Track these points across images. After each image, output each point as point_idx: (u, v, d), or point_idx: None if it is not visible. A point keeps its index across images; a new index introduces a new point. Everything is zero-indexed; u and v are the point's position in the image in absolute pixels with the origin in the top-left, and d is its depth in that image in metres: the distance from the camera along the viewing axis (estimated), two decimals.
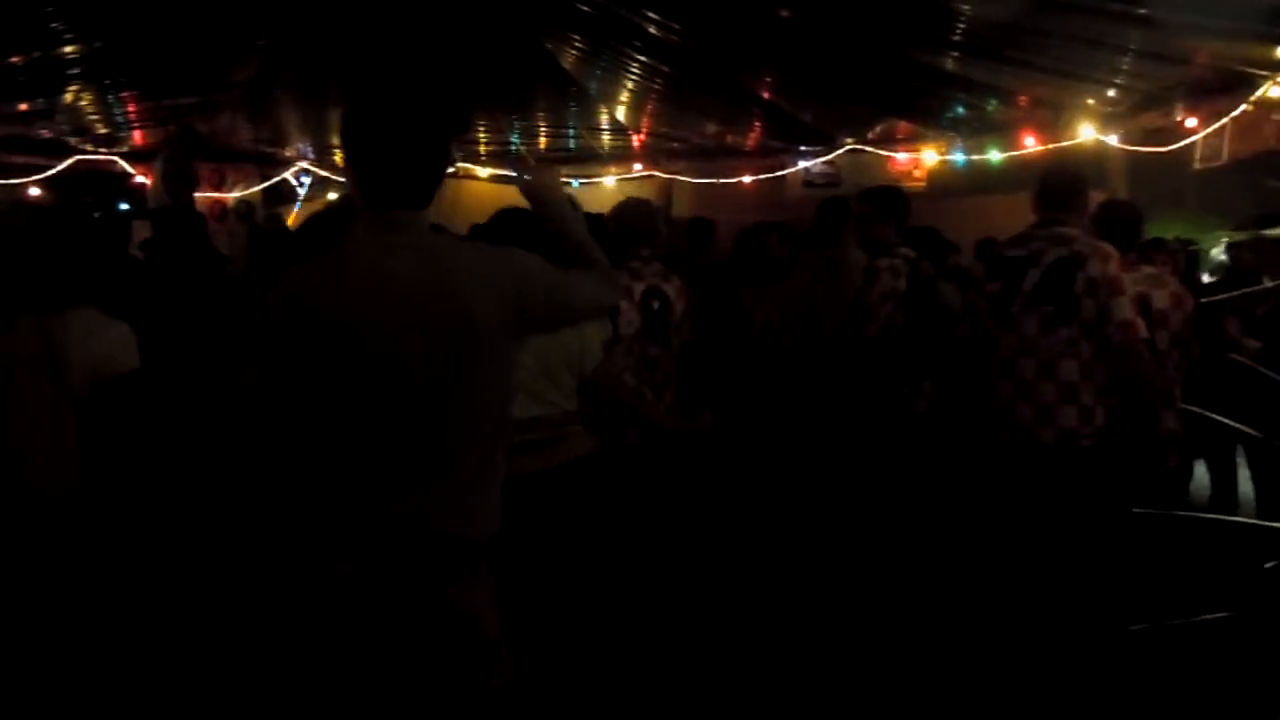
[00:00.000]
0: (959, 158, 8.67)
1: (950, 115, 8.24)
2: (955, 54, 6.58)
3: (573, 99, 9.51)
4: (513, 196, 2.73)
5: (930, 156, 9.03)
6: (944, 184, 9.13)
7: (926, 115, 8.47)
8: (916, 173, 9.39)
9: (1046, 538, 3.92)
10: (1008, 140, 8.11)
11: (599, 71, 8.85)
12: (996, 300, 4.10)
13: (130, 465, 3.39)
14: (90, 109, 8.82)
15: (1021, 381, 3.99)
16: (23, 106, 8.30)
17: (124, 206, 9.36)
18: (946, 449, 4.75)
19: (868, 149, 9.35)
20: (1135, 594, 4.00)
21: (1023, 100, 7.49)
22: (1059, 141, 7.57)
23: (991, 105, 7.77)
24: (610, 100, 9.62)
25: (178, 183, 6.76)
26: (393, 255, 2.10)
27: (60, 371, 3.27)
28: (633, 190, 9.92)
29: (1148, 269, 4.68)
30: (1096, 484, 3.94)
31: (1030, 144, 7.85)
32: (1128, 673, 3.73)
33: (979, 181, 8.68)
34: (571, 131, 10.66)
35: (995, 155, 8.24)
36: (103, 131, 9.61)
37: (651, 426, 3.88)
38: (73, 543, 3.31)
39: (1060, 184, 4.18)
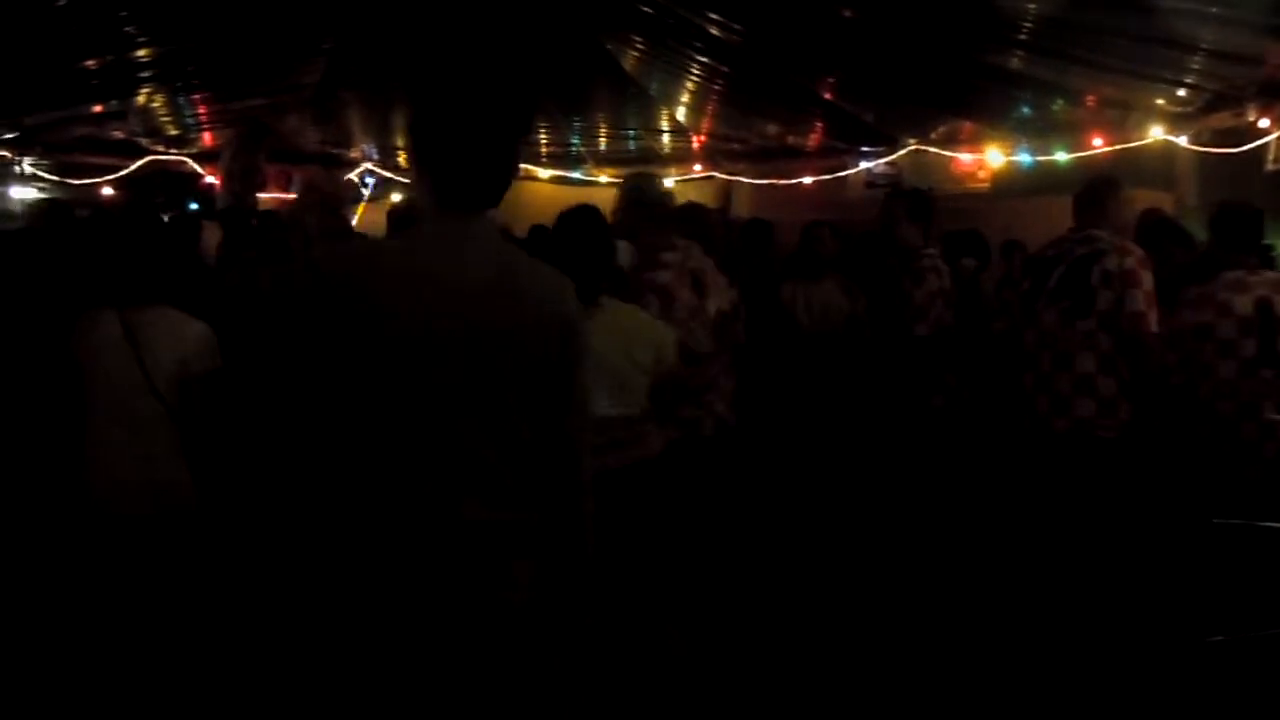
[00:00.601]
0: (1024, 158, 8.54)
1: (1015, 115, 8.11)
2: (1020, 53, 6.49)
3: (633, 100, 9.53)
4: (572, 197, 2.75)
5: (995, 157, 8.90)
6: (1008, 185, 8.99)
7: (991, 115, 8.35)
8: (980, 173, 9.28)
9: (1066, 527, 3.99)
10: (1074, 140, 7.95)
11: (659, 73, 8.86)
12: (1025, 296, 4.27)
13: (219, 462, 3.43)
14: (162, 111, 9.03)
15: (1041, 374, 4.13)
16: (97, 108, 8.52)
17: (194, 206, 9.56)
18: (969, 444, 4.77)
19: (930, 149, 9.25)
20: (1217, 605, 3.94)
21: (1090, 100, 7.36)
22: (1127, 142, 7.42)
23: (1057, 105, 7.65)
24: (670, 101, 9.62)
25: (243, 181, 6.82)
26: (455, 255, 2.05)
27: (145, 365, 3.30)
28: (692, 191, 9.90)
29: (1269, 273, 4.56)
30: (1117, 475, 4.00)
31: (1097, 144, 7.70)
32: (1200, 684, 3.67)
33: (1045, 182, 8.52)
34: (631, 133, 10.68)
35: (1061, 156, 8.10)
36: (173, 133, 9.82)
37: (709, 384, 3.93)
38: (172, 542, 3.34)
39: (1090, 192, 4.35)
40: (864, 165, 9.81)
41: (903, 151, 9.38)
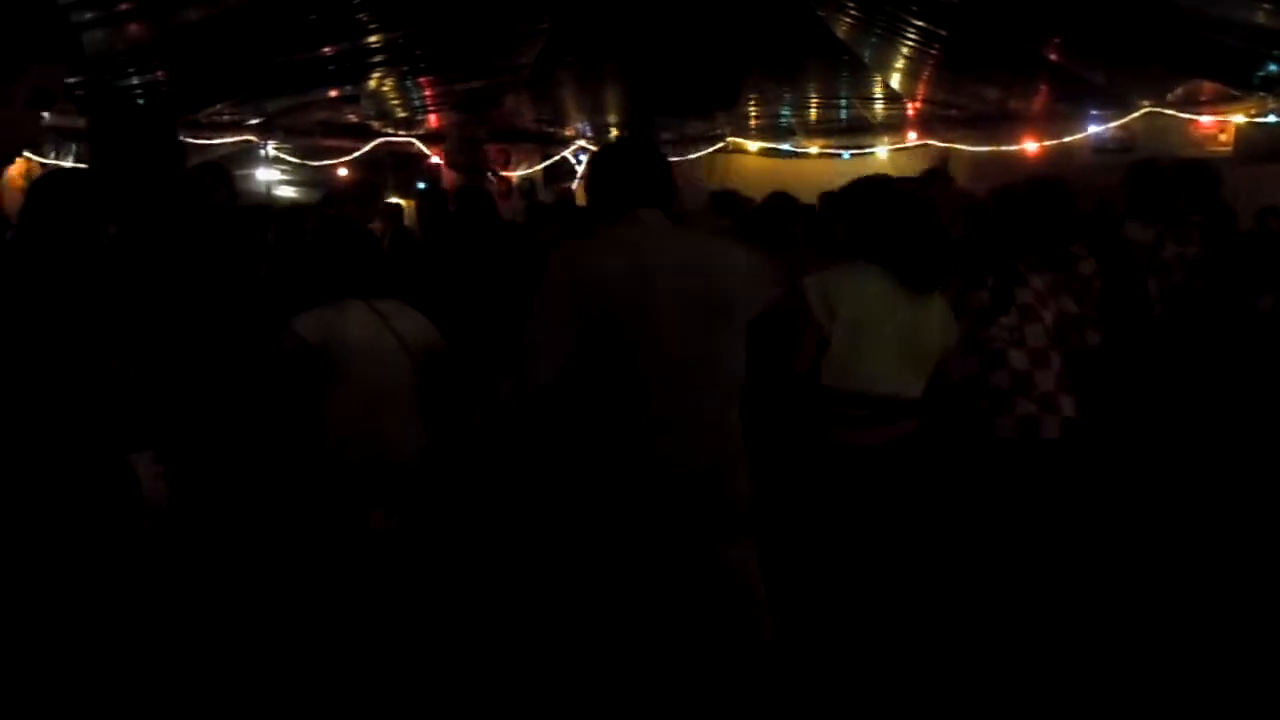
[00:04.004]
0: (1272, 119, 7.92)
1: (1262, 74, 7.53)
2: (1267, 5, 6.01)
3: (845, 68, 9.39)
4: (781, 169, 2.77)
5: (1238, 119, 8.29)
6: (1253, 148, 8.35)
7: (1235, 74, 7.78)
8: (1222, 136, 8.66)
9: None
10: None
11: (873, 39, 8.68)
12: None
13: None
14: (391, 94, 9.53)
15: None
16: (333, 93, 9.07)
17: (420, 186, 10.05)
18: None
19: (1167, 111, 8.70)
20: None
21: None
22: None
23: None
24: (884, 68, 9.41)
25: (460, 157, 7.01)
26: (667, 242, 2.37)
27: (408, 347, 3.55)
28: (905, 161, 9.67)
29: None
30: None
31: None
32: None
33: None
34: (843, 102, 10.52)
35: None
36: (402, 115, 10.35)
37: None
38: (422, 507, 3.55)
39: None
40: (1092, 129, 9.32)
41: (1135, 114, 8.86)
